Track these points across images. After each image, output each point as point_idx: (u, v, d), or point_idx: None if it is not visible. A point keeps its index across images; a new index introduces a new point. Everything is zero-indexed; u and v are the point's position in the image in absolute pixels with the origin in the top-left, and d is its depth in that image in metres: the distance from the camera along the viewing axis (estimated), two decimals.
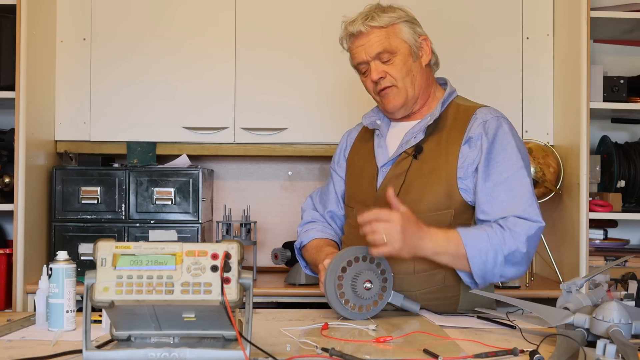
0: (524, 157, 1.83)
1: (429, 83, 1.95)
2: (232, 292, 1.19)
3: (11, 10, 2.64)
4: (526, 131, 2.93)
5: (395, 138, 1.95)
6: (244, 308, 1.26)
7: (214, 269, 1.20)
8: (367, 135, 2.03)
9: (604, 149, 2.99)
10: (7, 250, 2.70)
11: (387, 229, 1.63)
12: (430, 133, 1.88)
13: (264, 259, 3.07)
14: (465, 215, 1.82)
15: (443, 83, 2.00)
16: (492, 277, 1.74)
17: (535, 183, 2.71)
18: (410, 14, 1.92)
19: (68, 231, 2.78)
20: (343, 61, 2.89)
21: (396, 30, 1.87)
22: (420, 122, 1.91)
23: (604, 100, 2.77)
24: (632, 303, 1.85)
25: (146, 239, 2.75)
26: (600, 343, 1.26)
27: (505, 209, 1.76)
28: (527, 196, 1.77)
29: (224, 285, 1.19)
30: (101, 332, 1.51)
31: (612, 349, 1.24)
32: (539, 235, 1.76)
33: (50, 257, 2.72)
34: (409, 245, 1.66)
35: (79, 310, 1.58)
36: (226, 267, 1.20)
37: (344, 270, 1.69)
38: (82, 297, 1.49)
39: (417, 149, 1.86)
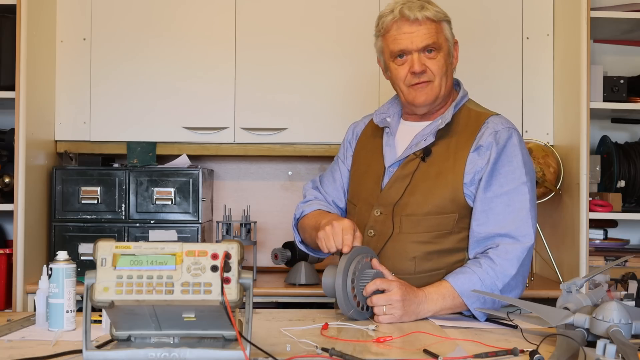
0: (529, 171, 1.83)
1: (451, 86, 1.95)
2: (232, 292, 1.19)
3: (11, 10, 2.64)
4: (526, 131, 2.93)
5: (405, 138, 1.94)
6: (244, 308, 1.26)
7: (214, 269, 1.20)
8: (375, 131, 2.02)
9: (604, 149, 2.99)
10: (7, 250, 2.70)
11: (388, 299, 1.67)
12: (440, 137, 1.87)
13: (264, 259, 3.07)
14: (468, 219, 1.83)
15: (456, 84, 2.00)
16: (495, 309, 1.76)
17: (536, 183, 2.71)
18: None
19: (68, 231, 2.78)
20: (344, 61, 2.92)
21: (442, 27, 1.87)
22: (431, 124, 1.91)
23: (604, 100, 2.77)
24: (632, 303, 1.85)
25: (146, 239, 2.75)
26: (600, 343, 1.26)
27: (499, 224, 1.78)
28: (524, 213, 1.79)
29: (224, 285, 1.19)
30: (101, 332, 1.51)
31: (612, 349, 1.24)
32: (531, 253, 1.80)
33: (50, 257, 2.72)
34: (409, 312, 1.69)
35: (79, 310, 1.58)
36: (226, 267, 1.20)
37: (353, 273, 1.69)
38: (82, 297, 1.49)
39: (426, 152, 1.86)
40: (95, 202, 2.78)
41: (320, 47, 2.92)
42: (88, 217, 2.78)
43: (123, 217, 2.79)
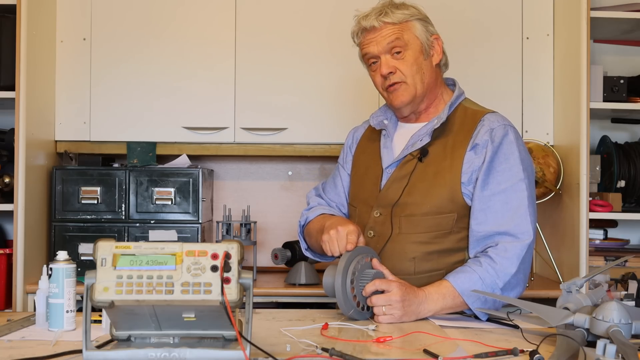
0: (527, 168, 1.83)
1: (438, 83, 1.94)
2: (232, 292, 1.19)
3: (11, 10, 2.64)
4: (526, 131, 2.93)
5: (402, 139, 1.94)
6: (244, 308, 1.26)
7: (214, 269, 1.20)
8: (374, 134, 2.03)
9: (604, 149, 2.99)
10: (7, 250, 2.70)
11: (387, 299, 1.67)
12: (436, 136, 1.88)
13: (264, 259, 3.07)
14: (467, 219, 1.83)
15: (451, 84, 2.00)
16: (495, 308, 1.76)
17: (536, 183, 2.71)
18: (423, 12, 1.92)
19: (68, 231, 2.78)
20: (344, 61, 2.91)
21: (409, 27, 1.87)
22: (427, 124, 1.91)
23: (604, 100, 2.77)
24: (632, 303, 1.85)
25: (146, 239, 2.75)
26: (600, 343, 1.26)
27: (498, 222, 1.78)
28: (522, 210, 1.78)
29: (224, 285, 1.19)
30: (101, 332, 1.51)
31: (612, 349, 1.24)
32: (531, 250, 1.79)
33: (50, 257, 2.72)
34: (409, 312, 1.69)
35: (79, 310, 1.58)
36: (226, 267, 1.20)
37: (353, 273, 1.69)
38: (82, 297, 1.49)
39: (423, 152, 1.86)
40: (95, 202, 2.78)
41: (320, 47, 2.92)
42: (88, 217, 2.78)
43: (123, 217, 2.79)
